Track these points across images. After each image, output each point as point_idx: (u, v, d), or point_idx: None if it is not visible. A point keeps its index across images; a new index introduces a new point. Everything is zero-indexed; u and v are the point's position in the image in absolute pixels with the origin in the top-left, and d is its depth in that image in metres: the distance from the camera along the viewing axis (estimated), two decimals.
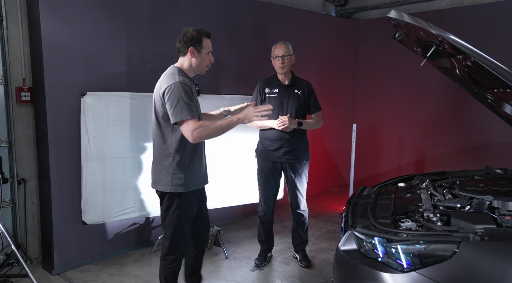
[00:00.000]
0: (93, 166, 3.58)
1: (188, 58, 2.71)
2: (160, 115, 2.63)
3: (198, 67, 2.75)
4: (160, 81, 2.68)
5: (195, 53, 2.69)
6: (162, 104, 2.60)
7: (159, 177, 2.70)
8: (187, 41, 2.67)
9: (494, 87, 2.81)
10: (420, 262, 2.00)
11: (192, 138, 2.53)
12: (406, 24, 2.34)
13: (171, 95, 2.52)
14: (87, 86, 3.63)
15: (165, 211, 2.73)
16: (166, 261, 2.75)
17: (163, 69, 4.19)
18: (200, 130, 2.51)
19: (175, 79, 2.57)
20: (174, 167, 2.65)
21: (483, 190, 2.54)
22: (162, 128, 2.65)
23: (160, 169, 2.69)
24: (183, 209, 2.71)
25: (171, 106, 2.52)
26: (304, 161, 3.74)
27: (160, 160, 2.69)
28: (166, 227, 2.74)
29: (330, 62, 6.28)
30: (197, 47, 2.68)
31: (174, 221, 2.69)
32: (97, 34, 3.73)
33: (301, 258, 3.89)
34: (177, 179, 2.65)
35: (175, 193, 2.67)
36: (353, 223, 2.43)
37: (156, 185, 2.73)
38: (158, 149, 2.70)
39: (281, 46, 3.63)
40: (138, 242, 4.20)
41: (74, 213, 3.70)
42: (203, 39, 2.70)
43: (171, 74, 2.64)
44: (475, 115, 5.58)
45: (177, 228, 2.71)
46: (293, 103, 3.64)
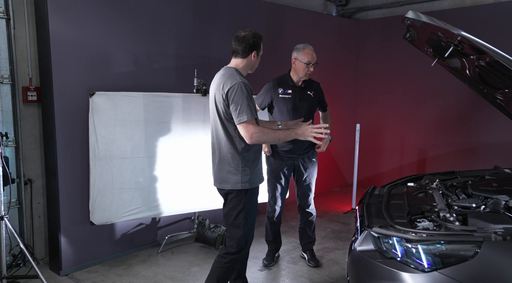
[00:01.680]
0: (101, 166, 3.56)
1: (248, 60, 2.79)
2: (224, 116, 2.67)
3: (253, 67, 2.87)
4: (219, 83, 2.69)
5: (256, 56, 2.81)
6: (226, 105, 2.63)
7: (227, 176, 2.72)
8: (252, 45, 2.76)
9: (506, 87, 2.83)
10: (441, 262, 2.01)
11: (250, 140, 2.60)
12: (423, 24, 2.35)
13: (235, 96, 2.58)
14: (95, 86, 3.61)
15: (232, 209, 2.74)
16: (226, 259, 2.76)
17: (170, 69, 4.22)
18: (259, 135, 2.60)
19: (237, 80, 2.63)
20: (243, 164, 2.70)
21: (498, 190, 2.56)
22: (228, 128, 2.68)
23: (229, 168, 2.71)
24: (250, 206, 2.76)
25: (236, 107, 2.58)
26: (314, 159, 3.74)
27: (229, 159, 2.71)
28: (233, 225, 2.75)
29: (331, 62, 6.29)
30: (258, 51, 2.82)
31: (241, 220, 2.72)
32: (105, 34, 3.71)
33: (309, 257, 3.88)
34: (246, 176, 2.70)
35: (243, 190, 2.71)
36: (370, 223, 2.44)
37: (224, 184, 2.74)
38: (226, 148, 2.71)
39: (313, 53, 3.57)
40: (144, 243, 4.18)
41: (82, 213, 3.67)
42: (261, 43, 2.83)
43: (231, 74, 2.68)
44: (477, 115, 5.61)
45: (246, 226, 2.75)
46: (306, 105, 3.63)
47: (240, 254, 2.79)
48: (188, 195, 3.98)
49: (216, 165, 2.80)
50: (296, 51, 3.59)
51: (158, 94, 3.79)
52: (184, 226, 4.45)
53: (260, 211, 5.28)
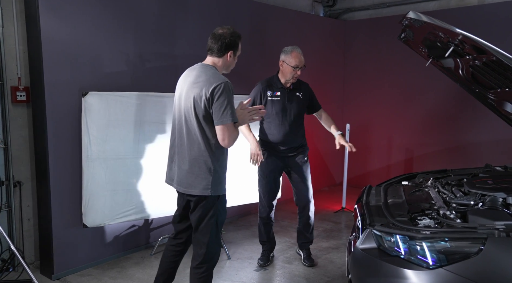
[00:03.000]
0: (94, 167, 3.50)
1: (223, 60, 2.65)
2: (202, 115, 2.49)
3: (229, 68, 2.74)
4: (200, 80, 2.52)
5: (232, 56, 2.67)
6: (206, 105, 2.46)
7: (195, 180, 2.55)
8: (229, 44, 2.61)
9: (499, 86, 2.89)
10: (446, 259, 2.04)
11: (227, 144, 2.49)
12: (423, 24, 2.38)
13: (221, 95, 2.43)
14: (88, 86, 3.55)
15: (202, 216, 2.59)
16: (200, 269, 2.62)
17: (163, 69, 4.18)
18: (235, 139, 2.51)
19: (222, 79, 2.49)
20: (215, 169, 2.55)
21: (494, 187, 2.61)
22: (204, 129, 2.51)
23: (198, 172, 2.54)
24: (220, 212, 2.64)
25: (220, 107, 2.43)
26: (305, 159, 3.76)
27: (200, 162, 2.53)
28: (201, 233, 2.61)
29: (319, 62, 6.32)
30: (235, 50, 2.68)
31: (211, 226, 2.59)
32: (98, 33, 3.64)
33: (304, 257, 3.89)
34: (217, 181, 2.57)
35: (215, 196, 2.57)
36: (371, 221, 2.46)
37: (191, 189, 2.56)
38: (199, 151, 2.53)
39: (301, 56, 3.56)
40: (137, 245, 4.12)
41: (73, 215, 3.60)
42: (239, 43, 2.70)
43: (214, 73, 2.55)
44: (463, 114, 5.73)
45: (213, 233, 2.61)
46: (295, 107, 3.63)
47: (214, 261, 2.67)
48: None
49: (182, 166, 2.60)
50: (284, 54, 3.58)
51: (152, 94, 3.75)
52: None
53: (251, 211, 5.31)
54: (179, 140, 2.63)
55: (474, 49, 2.20)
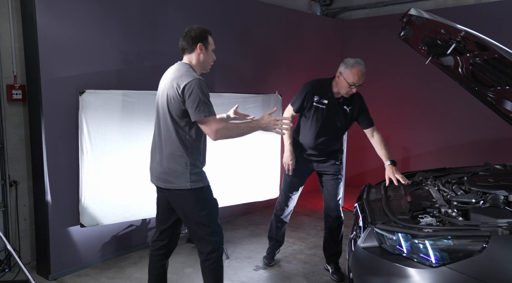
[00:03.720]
0: (91, 167, 3.46)
1: (196, 55, 2.65)
2: (175, 112, 2.54)
3: (204, 63, 2.71)
4: (173, 78, 2.56)
5: (203, 49, 2.65)
6: (180, 102, 2.50)
7: (173, 175, 2.58)
8: (195, 38, 2.62)
9: (499, 84, 2.89)
10: (449, 257, 2.02)
11: (215, 137, 2.51)
12: (425, 21, 2.37)
13: (193, 92, 2.45)
14: (85, 84, 3.51)
15: (190, 210, 2.62)
16: (210, 260, 2.65)
17: (160, 67, 4.12)
18: (223, 131, 2.51)
19: (193, 76, 2.51)
20: (190, 163, 2.58)
21: (495, 185, 2.60)
22: (177, 126, 2.56)
23: (175, 167, 2.58)
24: (210, 202, 2.66)
25: (193, 103, 2.46)
26: (337, 163, 3.54)
27: (175, 157, 2.58)
28: (197, 226, 2.63)
29: (316, 61, 6.31)
30: (205, 43, 2.66)
31: (207, 216, 2.62)
32: (95, 31, 3.61)
33: (333, 271, 3.59)
34: (195, 174, 2.59)
35: (197, 188, 2.59)
36: (373, 219, 2.44)
37: (170, 183, 2.60)
38: (173, 146, 2.58)
39: (362, 73, 3.22)
40: (135, 244, 4.09)
41: (71, 215, 3.57)
42: (208, 36, 2.68)
43: (186, 70, 2.57)
44: (460, 113, 5.74)
45: (213, 223, 2.64)
46: (338, 121, 3.38)
47: (220, 249, 2.70)
48: None
49: (160, 163, 2.64)
50: (344, 66, 3.27)
51: (149, 93, 3.70)
52: None
53: (249, 211, 5.28)
54: (158, 137, 2.68)
55: (476, 46, 2.19)
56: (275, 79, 5.54)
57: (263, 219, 5.14)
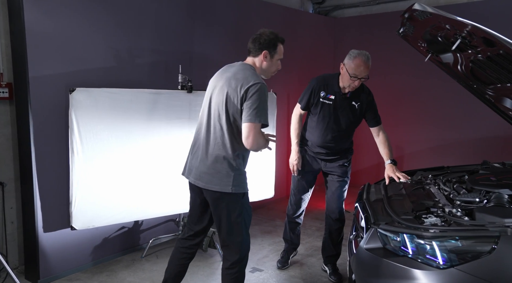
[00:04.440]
0: (83, 167, 3.35)
1: (259, 60, 2.60)
2: (233, 112, 2.45)
3: (266, 71, 2.65)
4: (237, 78, 2.47)
5: (268, 57, 2.59)
6: (239, 102, 2.42)
7: (216, 176, 2.50)
8: (263, 43, 2.57)
9: (499, 82, 2.85)
10: (457, 258, 1.97)
11: (250, 145, 2.41)
12: (429, 16, 2.31)
13: (257, 95, 2.39)
14: (75, 82, 3.39)
15: (227, 215, 2.53)
16: (233, 269, 2.58)
17: (154, 65, 4.04)
18: (259, 144, 2.44)
19: (260, 80, 2.45)
20: (237, 167, 2.51)
21: (498, 184, 2.56)
22: (232, 126, 2.48)
23: (220, 168, 2.49)
24: (247, 210, 2.59)
25: (252, 105, 2.38)
26: (346, 164, 3.45)
27: (221, 158, 2.49)
28: (230, 232, 2.56)
29: (309, 59, 6.25)
30: (271, 51, 2.59)
31: (241, 224, 2.55)
32: (85, 27, 3.49)
33: (330, 272, 3.52)
34: (239, 179, 2.52)
35: (238, 194, 2.52)
36: (376, 220, 2.38)
37: (211, 185, 2.51)
38: (223, 147, 2.49)
39: (365, 65, 3.13)
40: (127, 247, 3.98)
41: (61, 217, 3.45)
42: (278, 45, 2.61)
43: (253, 73, 2.50)
44: (454, 111, 5.73)
45: (245, 231, 2.59)
46: (346, 117, 3.27)
47: (246, 259, 2.65)
48: (173, 196, 3.80)
49: (203, 161, 2.55)
50: (348, 58, 3.18)
51: (142, 91, 3.61)
52: (169, 228, 4.28)
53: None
54: (205, 134, 2.59)
55: (483, 41, 2.14)
56: (274, 77, 5.46)
57: (258, 219, 5.06)
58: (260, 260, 3.90)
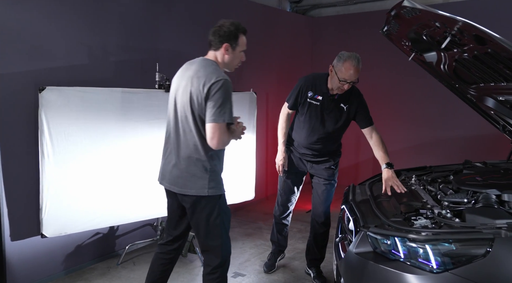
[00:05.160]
0: (54, 171, 3.16)
1: (221, 54, 2.47)
2: (199, 112, 2.34)
3: (229, 65, 2.53)
4: (199, 75, 2.35)
5: (229, 50, 2.46)
6: (203, 101, 2.31)
7: (191, 179, 2.40)
8: (223, 36, 2.43)
9: (483, 81, 2.84)
10: (451, 262, 1.92)
11: (216, 145, 2.31)
12: (417, 13, 2.26)
13: (220, 92, 2.28)
14: (45, 80, 3.19)
15: (205, 219, 2.43)
16: (215, 274, 2.48)
17: (129, 63, 3.87)
18: (225, 142, 2.35)
19: (223, 76, 2.34)
20: (211, 168, 2.41)
21: (485, 184, 2.54)
22: (200, 127, 2.37)
23: (194, 171, 2.40)
24: (225, 212, 2.50)
25: (216, 104, 2.28)
26: (333, 167, 3.34)
27: (193, 160, 2.40)
28: (209, 236, 2.46)
29: (288, 58, 6.19)
30: (233, 44, 2.46)
31: (219, 227, 2.45)
32: (56, 22, 3.30)
33: (314, 275, 3.44)
34: (214, 181, 2.42)
35: (215, 196, 2.43)
36: (364, 222, 2.31)
37: (186, 189, 2.41)
38: (192, 149, 2.40)
39: (355, 69, 2.95)
40: (102, 254, 3.79)
41: (30, 224, 3.25)
42: (239, 36, 2.48)
43: (215, 69, 2.39)
44: (431, 111, 5.78)
45: (224, 234, 2.50)
46: (333, 119, 3.16)
47: (227, 263, 2.56)
48: (151, 200, 3.65)
49: (176, 166, 2.46)
50: (337, 60, 3.05)
51: (117, 90, 3.44)
52: (146, 233, 4.11)
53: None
54: (175, 138, 2.48)
55: (475, 39, 2.10)
56: (248, 77, 5.36)
57: (236, 222, 4.95)
58: (242, 264, 3.79)
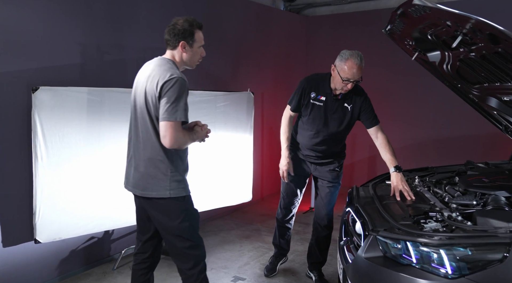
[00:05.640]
0: (48, 174, 3.05)
1: (178, 52, 2.39)
2: (155, 112, 2.28)
3: (188, 62, 2.44)
4: (154, 74, 2.29)
5: (186, 47, 2.38)
6: (157, 100, 2.25)
7: (152, 181, 2.33)
8: (178, 34, 2.35)
9: (487, 81, 2.81)
10: (466, 267, 1.87)
11: (170, 144, 2.21)
12: (427, 11, 2.20)
13: (173, 90, 2.21)
14: (38, 80, 3.08)
15: (171, 221, 2.35)
16: (192, 277, 2.40)
17: (125, 62, 3.76)
18: (181, 141, 2.25)
19: (177, 74, 2.26)
20: (172, 169, 2.33)
21: (493, 186, 2.50)
22: (157, 127, 2.29)
23: (154, 173, 2.32)
24: (192, 213, 2.41)
25: (168, 102, 2.20)
26: (337, 169, 3.28)
27: (154, 162, 2.32)
28: (177, 239, 2.37)
29: (281, 57, 6.12)
30: (189, 41, 2.37)
31: (188, 229, 2.37)
32: (50, 20, 3.18)
33: (316, 278, 3.38)
34: (176, 181, 2.33)
35: (179, 198, 2.34)
36: (374, 226, 2.26)
37: (148, 191, 2.34)
38: (152, 150, 2.32)
39: (358, 67, 2.89)
40: (97, 259, 3.68)
41: (22, 229, 3.13)
42: (195, 32, 2.39)
43: (169, 67, 2.30)
44: (425, 111, 5.77)
45: (195, 234, 2.41)
46: (337, 119, 3.09)
47: (202, 264, 2.44)
48: None
49: (137, 168, 2.38)
50: (339, 59, 2.97)
51: (114, 90, 3.34)
52: None
53: (216, 216, 4.98)
54: (135, 140, 2.42)
55: (488, 37, 2.06)
56: (244, 75, 5.29)
57: (233, 224, 4.87)
58: (241, 267, 3.71)
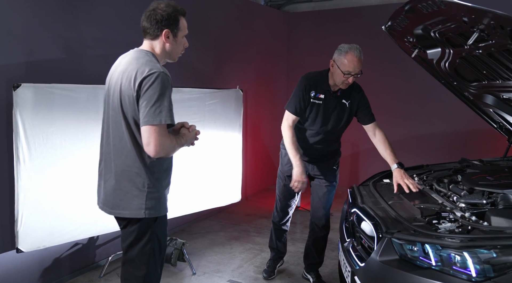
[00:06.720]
0: (31, 178, 2.82)
1: (160, 42, 2.06)
2: (132, 115, 1.95)
3: (171, 54, 2.12)
4: (130, 69, 1.96)
5: (170, 37, 2.06)
6: (135, 99, 1.92)
7: (124, 198, 2.00)
8: (161, 21, 2.01)
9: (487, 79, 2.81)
10: (492, 270, 1.82)
11: (154, 151, 1.88)
12: (442, 7, 2.15)
13: (154, 88, 1.88)
14: (20, 76, 2.87)
15: (132, 243, 2.04)
16: None
17: (113, 58, 3.53)
18: (168, 148, 1.93)
19: (157, 68, 1.93)
20: (150, 184, 2.00)
21: (500, 184, 2.49)
22: (135, 133, 1.97)
23: (127, 187, 1.99)
24: (159, 238, 2.08)
25: (149, 102, 1.87)
26: (334, 167, 3.22)
27: (129, 175, 1.99)
28: (134, 264, 2.05)
29: (263, 52, 6.02)
30: (173, 29, 2.06)
31: (148, 255, 2.04)
32: (32, 13, 2.95)
33: (314, 280, 3.31)
34: (152, 199, 2.02)
35: (150, 219, 2.03)
36: (387, 228, 2.19)
37: (119, 210, 2.02)
38: (127, 161, 1.99)
39: (358, 60, 2.84)
40: (82, 266, 3.48)
41: (3, 238, 2.91)
42: (179, 19, 2.08)
43: (148, 60, 1.97)
44: (412, 107, 5.81)
45: (152, 263, 2.07)
46: (337, 117, 3.04)
47: None
48: None
49: (108, 181, 2.06)
50: (338, 53, 2.92)
51: (101, 88, 3.13)
52: None
53: (202, 217, 4.82)
54: (106, 148, 2.09)
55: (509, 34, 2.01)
56: (227, 72, 5.15)
57: (220, 225, 4.74)
58: (235, 271, 3.60)
